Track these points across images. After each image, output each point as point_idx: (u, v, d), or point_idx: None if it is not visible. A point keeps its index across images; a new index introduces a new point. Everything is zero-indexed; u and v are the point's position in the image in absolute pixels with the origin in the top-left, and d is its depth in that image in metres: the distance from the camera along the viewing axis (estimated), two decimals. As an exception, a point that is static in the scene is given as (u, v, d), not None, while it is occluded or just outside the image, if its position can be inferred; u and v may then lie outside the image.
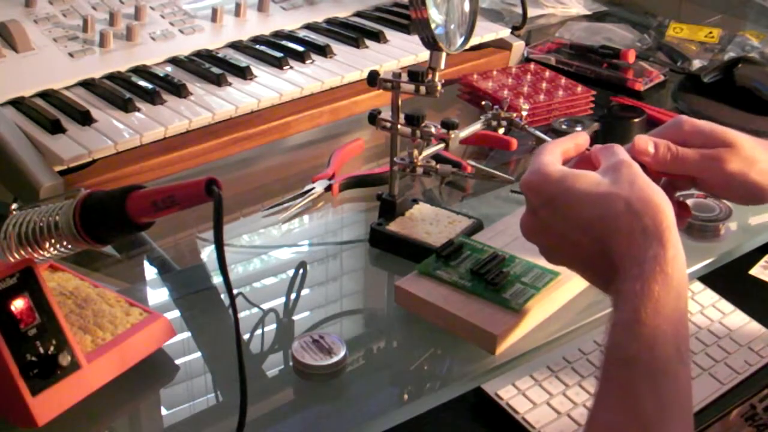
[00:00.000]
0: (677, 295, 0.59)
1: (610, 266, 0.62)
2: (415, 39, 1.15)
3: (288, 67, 1.14)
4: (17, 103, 1.01)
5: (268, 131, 1.07)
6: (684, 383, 0.58)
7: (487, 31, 1.29)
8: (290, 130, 1.09)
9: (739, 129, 0.75)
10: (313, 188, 0.98)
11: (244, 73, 1.10)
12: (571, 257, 0.68)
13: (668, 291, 0.59)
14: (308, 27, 1.27)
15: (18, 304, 0.65)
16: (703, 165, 0.73)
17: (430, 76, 0.84)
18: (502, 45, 1.31)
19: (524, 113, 0.96)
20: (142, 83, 1.06)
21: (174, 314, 0.82)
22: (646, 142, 0.73)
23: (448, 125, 0.87)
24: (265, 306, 0.85)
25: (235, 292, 0.73)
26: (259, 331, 0.82)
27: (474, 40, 1.18)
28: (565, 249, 0.68)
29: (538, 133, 0.98)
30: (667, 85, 1.28)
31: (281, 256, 0.94)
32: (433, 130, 0.86)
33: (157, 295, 0.88)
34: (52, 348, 0.67)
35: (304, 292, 0.88)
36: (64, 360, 0.66)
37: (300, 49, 1.17)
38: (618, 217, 0.62)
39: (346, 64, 1.16)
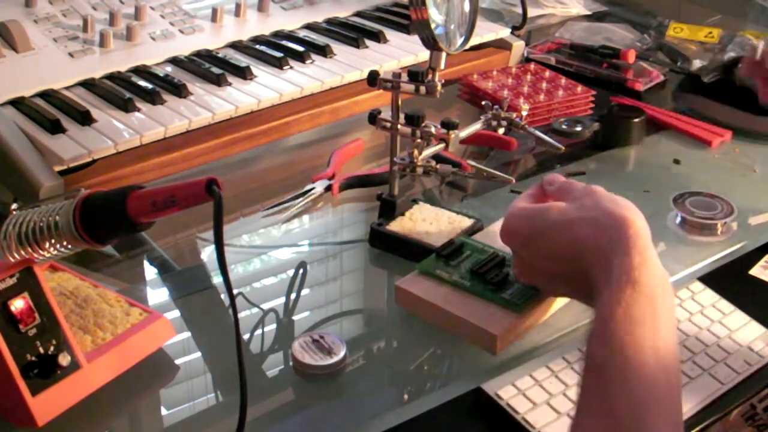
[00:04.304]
0: (648, 300, 0.60)
1: (589, 284, 0.65)
2: (415, 39, 1.14)
3: (288, 67, 1.13)
4: (17, 103, 1.01)
5: (268, 131, 1.07)
6: (662, 386, 0.58)
7: (487, 31, 1.29)
8: (290, 130, 1.09)
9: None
10: (313, 188, 0.98)
11: (244, 73, 1.10)
12: (563, 287, 0.72)
13: (637, 297, 0.60)
14: (308, 27, 1.27)
15: (18, 304, 0.65)
16: None
17: (430, 76, 0.84)
18: (502, 45, 1.31)
19: (524, 113, 0.96)
20: (142, 83, 1.06)
21: (174, 314, 0.82)
22: None
23: (448, 125, 0.87)
24: (265, 306, 0.85)
25: (235, 292, 0.73)
26: (259, 331, 0.82)
27: (474, 40, 1.18)
28: (555, 281, 0.71)
29: (538, 133, 0.98)
30: (667, 85, 1.28)
31: (281, 256, 0.94)
32: (433, 130, 0.86)
33: (157, 295, 0.88)
34: (52, 348, 0.67)
35: (304, 292, 0.87)
36: (64, 360, 0.66)
37: (300, 49, 1.17)
38: (586, 237, 0.65)
39: (346, 64, 1.16)
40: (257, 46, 1.18)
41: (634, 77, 1.27)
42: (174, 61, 1.14)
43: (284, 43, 1.19)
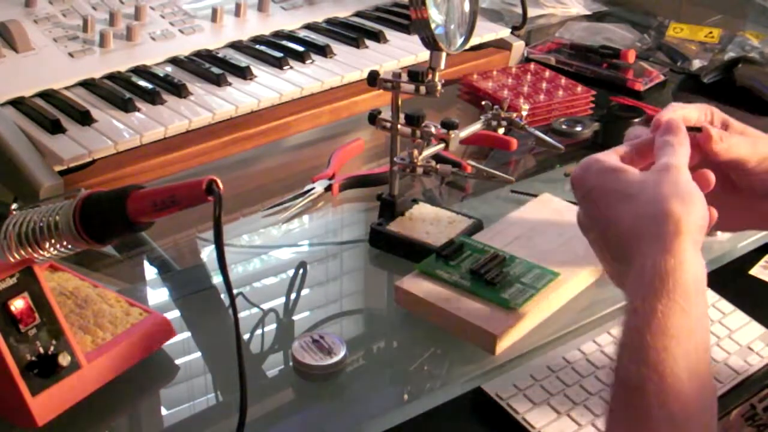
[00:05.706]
0: (682, 310, 0.56)
1: (623, 273, 0.61)
2: (415, 39, 1.14)
3: (288, 67, 1.13)
4: (17, 103, 1.01)
5: (268, 131, 1.07)
6: (697, 403, 0.55)
7: (487, 31, 1.29)
8: (290, 130, 1.09)
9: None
10: (313, 188, 0.98)
11: (244, 73, 1.10)
12: (603, 259, 0.66)
13: (672, 307, 0.56)
14: (308, 27, 1.27)
15: (18, 304, 0.65)
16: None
17: (430, 76, 0.84)
18: (502, 45, 1.31)
19: (524, 113, 0.95)
20: (142, 83, 1.06)
21: (174, 314, 0.82)
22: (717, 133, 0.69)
23: (448, 125, 0.87)
24: (265, 306, 0.85)
25: (235, 292, 0.73)
26: (259, 331, 0.82)
27: (474, 40, 1.18)
28: (598, 249, 0.66)
29: (538, 133, 0.98)
30: (667, 85, 1.28)
31: (281, 256, 0.94)
32: (433, 130, 0.86)
33: (157, 295, 0.88)
34: (52, 348, 0.67)
35: (304, 292, 0.87)
36: (64, 360, 0.66)
37: (300, 49, 1.17)
38: (627, 223, 0.61)
39: (346, 64, 1.16)
40: (257, 46, 1.18)
41: (634, 77, 1.27)
42: (174, 61, 1.14)
43: (284, 43, 1.19)
